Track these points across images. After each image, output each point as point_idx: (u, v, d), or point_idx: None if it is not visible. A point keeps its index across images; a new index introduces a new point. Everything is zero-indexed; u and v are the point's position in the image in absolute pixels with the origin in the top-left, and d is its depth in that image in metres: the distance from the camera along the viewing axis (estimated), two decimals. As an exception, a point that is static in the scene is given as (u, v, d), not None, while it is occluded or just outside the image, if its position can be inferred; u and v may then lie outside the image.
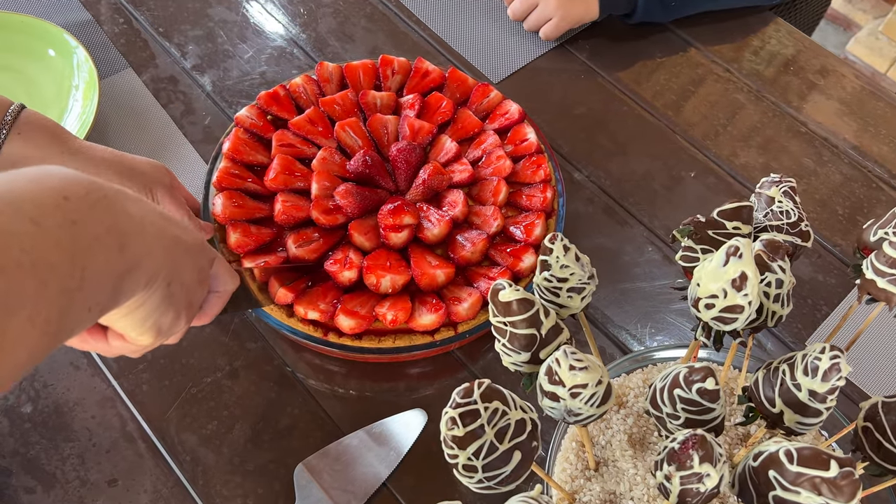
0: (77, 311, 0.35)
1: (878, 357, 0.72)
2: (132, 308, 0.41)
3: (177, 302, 0.43)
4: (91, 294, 0.35)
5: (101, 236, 0.35)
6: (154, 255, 0.40)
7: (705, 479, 0.43)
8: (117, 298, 0.38)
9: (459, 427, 0.44)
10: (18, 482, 0.62)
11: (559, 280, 0.52)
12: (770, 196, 0.58)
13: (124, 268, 0.37)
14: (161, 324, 0.44)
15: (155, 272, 0.40)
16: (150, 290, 0.40)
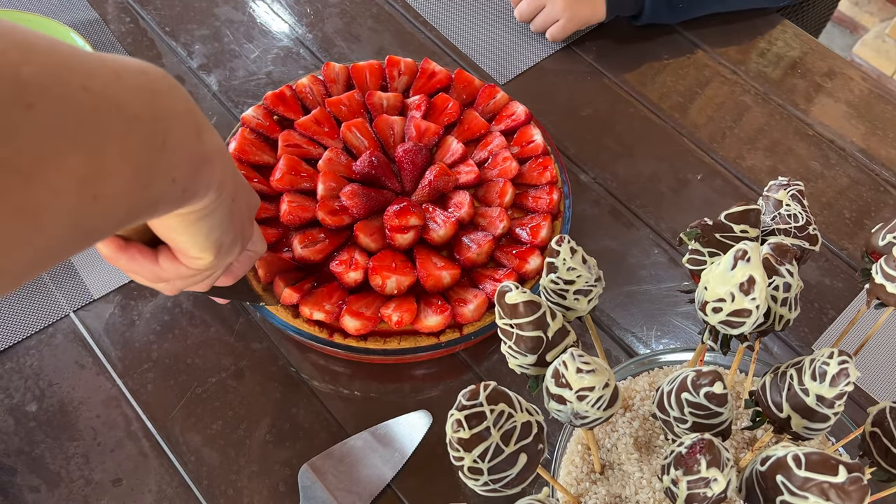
0: (163, 176, 0.34)
1: (886, 362, 0.72)
2: (200, 216, 0.40)
3: (237, 223, 0.43)
4: (174, 164, 0.34)
5: (180, 114, 0.35)
6: (224, 160, 0.40)
7: (713, 483, 0.42)
8: (196, 188, 0.37)
9: (465, 429, 0.44)
10: (23, 481, 0.62)
11: (566, 282, 0.51)
12: (778, 199, 0.57)
13: (201, 154, 0.37)
14: (223, 241, 0.43)
15: (225, 179, 0.39)
16: (219, 198, 0.40)
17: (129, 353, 0.69)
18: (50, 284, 0.72)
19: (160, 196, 0.34)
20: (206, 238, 0.42)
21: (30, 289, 0.71)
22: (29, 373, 0.67)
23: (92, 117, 0.29)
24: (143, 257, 0.43)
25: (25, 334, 0.69)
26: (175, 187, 0.35)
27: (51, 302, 0.71)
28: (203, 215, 0.40)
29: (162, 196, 0.35)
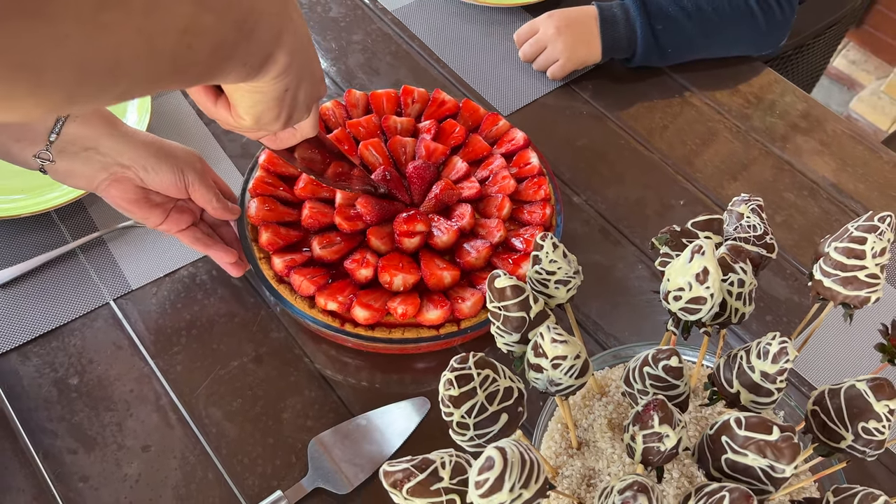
0: (239, 57, 0.43)
1: (829, 354, 0.79)
2: (253, 91, 0.49)
3: (284, 107, 0.53)
4: (250, 53, 0.44)
5: (272, 15, 0.44)
6: (290, 62, 0.48)
7: (665, 439, 0.49)
8: (258, 74, 0.47)
9: (455, 388, 0.51)
10: (63, 444, 0.70)
11: (548, 273, 0.59)
12: (740, 212, 0.65)
13: (273, 53, 0.46)
14: (263, 115, 0.53)
15: (284, 74, 0.49)
16: (272, 87, 0.49)
17: (161, 337, 0.77)
18: (94, 276, 0.80)
19: (231, 70, 0.44)
20: (251, 107, 0.52)
21: (76, 280, 0.80)
22: (72, 351, 0.75)
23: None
24: (206, 97, 0.54)
25: (70, 318, 0.77)
26: (244, 69, 0.45)
27: (94, 291, 0.79)
28: (255, 91, 0.50)
29: (233, 71, 0.44)
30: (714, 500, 0.47)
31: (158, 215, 0.70)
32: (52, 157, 0.64)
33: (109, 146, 0.65)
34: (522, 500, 0.45)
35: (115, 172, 0.67)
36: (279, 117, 0.54)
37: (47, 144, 0.63)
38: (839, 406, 0.54)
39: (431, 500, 0.47)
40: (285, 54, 0.48)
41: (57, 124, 0.63)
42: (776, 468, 0.49)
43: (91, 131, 0.65)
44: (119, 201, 0.68)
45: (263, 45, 0.45)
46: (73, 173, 0.66)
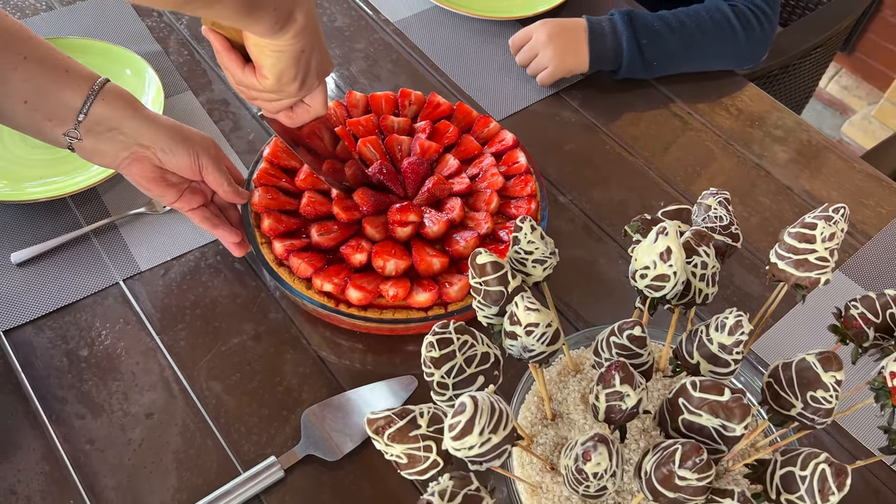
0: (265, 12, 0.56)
1: (786, 334, 0.84)
2: (275, 49, 0.62)
3: (300, 68, 0.65)
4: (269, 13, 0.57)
5: None
6: (305, 30, 0.61)
7: (626, 398, 0.54)
8: (278, 33, 0.59)
9: (436, 349, 0.55)
10: (72, 409, 0.74)
11: (526, 252, 0.64)
12: (708, 204, 0.70)
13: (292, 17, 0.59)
14: (284, 73, 0.65)
15: (304, 28, 0.60)
16: (290, 46, 0.61)
17: (167, 315, 0.82)
18: (106, 259, 0.85)
19: (264, 14, 0.56)
20: (274, 65, 0.64)
21: (89, 261, 0.85)
22: (83, 325, 0.80)
23: None
24: (236, 61, 0.67)
25: (82, 295, 0.82)
26: (274, 15, 0.57)
27: (105, 272, 0.84)
28: (277, 50, 0.62)
29: (265, 15, 0.57)
30: (668, 452, 0.51)
31: (173, 194, 0.75)
32: (79, 135, 0.70)
33: (132, 128, 0.71)
34: (491, 444, 0.50)
35: (135, 152, 0.72)
36: (296, 77, 0.66)
37: (76, 124, 0.69)
38: (790, 377, 0.58)
39: (410, 446, 0.52)
40: (302, 16, 0.60)
41: (85, 105, 0.69)
42: (728, 427, 0.54)
43: (115, 113, 0.70)
44: (138, 179, 0.73)
45: (284, 7, 0.58)
46: (98, 151, 0.71)
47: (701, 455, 0.50)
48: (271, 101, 0.70)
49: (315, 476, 0.72)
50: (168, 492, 0.70)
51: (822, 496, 0.51)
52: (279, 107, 0.72)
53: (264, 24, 0.58)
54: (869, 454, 0.77)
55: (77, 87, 0.69)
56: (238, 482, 0.70)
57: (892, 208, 0.98)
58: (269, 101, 0.71)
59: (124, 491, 0.70)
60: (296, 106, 0.73)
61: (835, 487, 0.51)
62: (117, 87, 0.72)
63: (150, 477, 0.71)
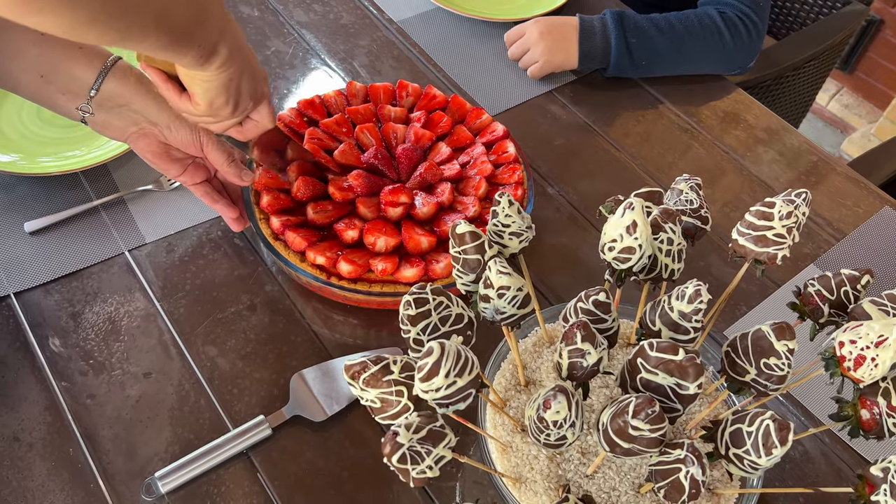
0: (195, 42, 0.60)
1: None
2: (203, 79, 0.66)
3: (230, 95, 0.68)
4: (203, 39, 0.60)
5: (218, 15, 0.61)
6: (232, 57, 0.64)
7: (587, 355, 0.58)
8: (205, 63, 0.63)
9: (413, 308, 0.59)
10: (75, 366, 0.79)
11: (503, 225, 0.68)
12: (680, 189, 0.74)
13: (216, 47, 0.62)
14: (215, 101, 0.68)
15: (229, 58, 0.63)
16: (217, 76, 0.64)
17: (168, 283, 0.86)
18: (113, 231, 0.90)
19: (191, 49, 0.60)
20: (205, 93, 0.67)
21: (97, 232, 0.90)
22: (89, 290, 0.85)
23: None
24: (173, 90, 0.70)
25: (90, 263, 0.87)
26: (199, 51, 0.61)
27: (112, 243, 0.89)
28: (206, 80, 0.66)
29: (191, 50, 0.60)
30: (623, 405, 0.55)
31: (178, 168, 0.80)
32: (91, 109, 0.75)
33: (140, 104, 0.76)
34: (457, 387, 0.54)
35: (143, 127, 0.77)
36: (228, 103, 0.69)
37: (88, 98, 0.74)
38: (746, 346, 0.62)
39: (383, 391, 0.56)
40: (226, 48, 0.63)
41: (97, 81, 0.74)
42: (682, 385, 0.57)
43: (126, 90, 0.75)
44: (145, 153, 0.78)
45: (211, 35, 0.61)
46: (108, 125, 0.76)
47: (653, 407, 0.54)
48: (210, 123, 0.74)
49: (301, 435, 0.76)
50: (162, 444, 0.74)
51: (765, 449, 0.55)
52: (221, 127, 0.76)
53: (190, 57, 0.61)
54: (831, 435, 0.80)
55: (90, 64, 0.74)
56: (228, 437, 0.74)
57: (868, 208, 1.01)
58: (208, 124, 0.75)
59: (120, 442, 0.74)
60: (245, 121, 0.77)
61: (777, 441, 0.54)
62: (128, 65, 0.77)
63: (146, 430, 0.75)
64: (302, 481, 0.73)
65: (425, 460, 0.52)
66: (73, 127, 0.98)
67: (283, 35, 1.17)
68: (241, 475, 0.73)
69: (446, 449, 0.53)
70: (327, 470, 0.74)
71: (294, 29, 1.19)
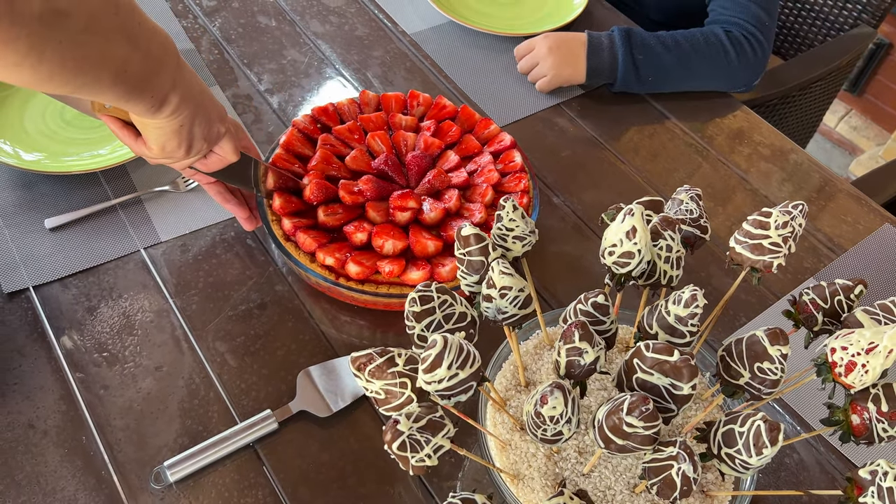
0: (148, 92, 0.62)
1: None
2: (154, 126, 0.68)
3: (182, 140, 0.71)
4: (156, 89, 0.63)
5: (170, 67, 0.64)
6: (186, 97, 0.66)
7: (584, 354, 0.60)
8: (164, 99, 0.64)
9: (418, 305, 0.62)
10: (90, 358, 0.81)
11: (507, 229, 0.70)
12: (680, 199, 0.77)
13: (175, 78, 0.64)
14: (166, 145, 0.70)
15: (179, 106, 0.66)
16: (172, 118, 0.66)
17: (182, 281, 0.89)
18: (130, 229, 0.93)
19: (145, 97, 0.62)
20: (156, 139, 0.70)
21: (114, 230, 0.92)
22: (105, 286, 0.87)
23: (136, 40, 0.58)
24: (130, 135, 0.72)
25: (107, 259, 0.90)
26: (152, 101, 0.63)
27: (128, 241, 0.92)
28: (157, 127, 0.68)
29: (145, 98, 0.63)
30: (618, 402, 0.57)
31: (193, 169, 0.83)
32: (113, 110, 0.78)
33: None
34: (458, 379, 0.56)
35: None
36: (180, 146, 0.72)
37: None
38: (741, 350, 0.63)
39: (387, 382, 0.58)
40: (177, 97, 0.65)
41: None
42: (676, 386, 0.59)
43: None
44: None
45: (164, 85, 0.64)
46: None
47: (647, 404, 0.56)
48: (167, 162, 0.76)
49: (306, 430, 0.78)
50: (171, 435, 0.76)
51: (756, 449, 0.56)
52: (180, 166, 0.77)
53: (142, 106, 0.63)
54: (825, 443, 0.82)
55: None
56: (235, 430, 0.76)
57: (868, 225, 1.03)
58: (167, 163, 0.76)
59: (131, 432, 0.76)
60: (209, 155, 0.78)
61: (768, 442, 0.56)
62: None
63: (156, 422, 0.77)
64: (306, 474, 0.75)
65: (424, 448, 0.54)
66: (94, 129, 1.01)
67: (299, 45, 1.20)
68: (248, 467, 0.75)
69: (445, 439, 0.55)
70: (331, 464, 0.76)
71: (310, 39, 1.22)
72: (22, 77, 0.52)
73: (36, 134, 1.00)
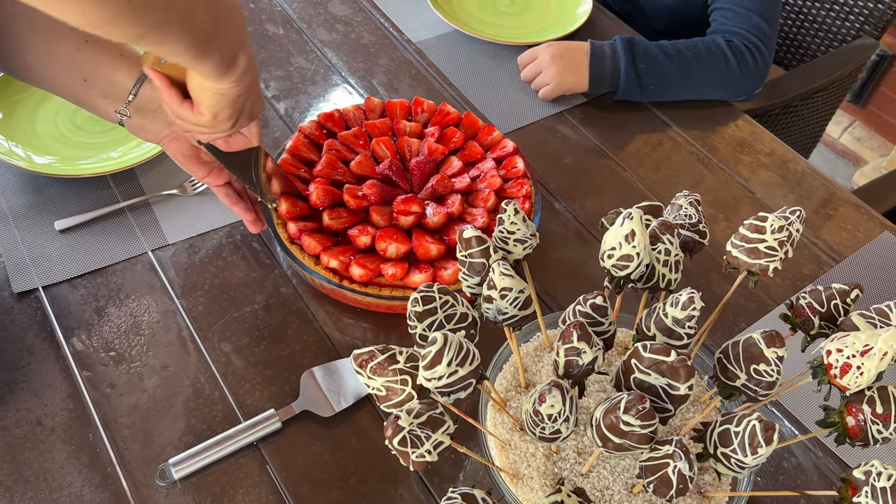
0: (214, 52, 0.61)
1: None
2: (213, 91, 0.67)
3: (234, 110, 0.70)
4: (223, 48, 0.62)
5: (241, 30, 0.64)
6: (250, 65, 0.66)
7: (582, 354, 0.61)
8: (232, 60, 0.64)
9: (420, 305, 0.63)
10: (97, 357, 0.83)
11: (508, 232, 0.71)
12: (679, 204, 0.78)
13: (242, 41, 0.64)
14: (219, 113, 0.69)
15: (244, 73, 0.66)
16: (235, 84, 0.66)
17: (188, 282, 0.90)
18: (138, 232, 0.95)
19: (211, 55, 0.61)
20: (213, 105, 0.68)
21: (122, 232, 0.94)
22: (113, 286, 0.89)
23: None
24: (175, 96, 0.70)
25: (115, 261, 0.91)
26: (220, 58, 0.62)
27: (136, 243, 0.93)
28: (218, 92, 0.67)
29: (212, 56, 0.61)
30: (615, 401, 0.58)
31: (204, 170, 0.84)
32: (128, 113, 0.79)
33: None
34: (458, 376, 0.57)
35: (175, 130, 0.81)
36: (231, 117, 0.71)
37: (126, 103, 0.79)
38: (738, 353, 0.64)
39: (388, 379, 0.59)
40: (244, 61, 0.65)
41: (135, 86, 0.78)
42: (673, 386, 0.60)
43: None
44: (176, 155, 0.83)
45: (232, 44, 0.63)
46: (143, 128, 0.81)
47: (644, 403, 0.57)
48: (204, 133, 0.75)
49: (309, 429, 0.79)
50: (176, 434, 0.78)
51: (751, 448, 0.57)
52: (212, 138, 0.78)
53: (210, 65, 0.62)
54: (823, 447, 0.82)
55: (129, 70, 0.79)
56: (239, 429, 0.77)
57: (867, 233, 1.04)
58: (202, 134, 0.76)
59: (137, 430, 0.77)
60: (235, 134, 0.78)
61: (763, 441, 0.57)
62: None
63: (161, 420, 0.78)
64: (308, 473, 0.76)
65: (424, 444, 0.55)
66: (104, 132, 1.03)
67: (306, 52, 1.22)
68: (251, 465, 0.76)
69: (445, 435, 0.56)
70: (333, 463, 0.77)
71: (317, 47, 1.24)
72: (87, 14, 0.48)
73: (47, 138, 1.01)
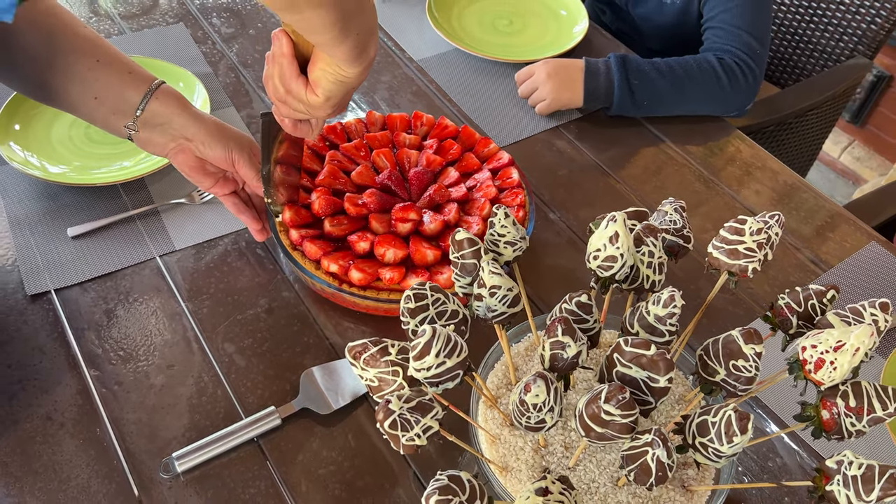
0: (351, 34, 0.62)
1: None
2: (340, 78, 0.67)
3: (346, 99, 0.72)
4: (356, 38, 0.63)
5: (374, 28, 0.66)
6: (371, 64, 0.69)
7: (567, 347, 0.64)
8: (365, 47, 0.65)
9: (412, 302, 0.66)
10: (105, 356, 0.86)
11: (499, 235, 0.75)
12: (665, 210, 0.81)
13: (374, 28, 0.66)
14: (333, 97, 0.70)
15: (369, 65, 0.69)
16: (361, 74, 0.68)
17: (194, 286, 0.94)
18: (146, 238, 0.98)
19: (350, 35, 0.62)
20: (331, 89, 0.69)
21: (132, 239, 0.98)
22: (122, 290, 0.92)
23: None
24: (294, 70, 0.69)
25: (124, 265, 0.95)
26: (356, 39, 0.63)
27: (144, 249, 0.97)
28: (342, 80, 0.68)
29: (350, 36, 0.62)
30: (597, 392, 0.60)
31: (210, 181, 0.88)
32: (136, 127, 0.83)
33: (179, 123, 0.84)
34: (446, 367, 0.60)
35: (181, 143, 0.86)
36: (338, 105, 0.72)
37: (135, 118, 0.83)
38: (717, 349, 0.67)
39: (380, 370, 0.62)
40: (374, 50, 0.66)
41: (143, 102, 0.82)
42: (653, 378, 0.63)
43: (167, 110, 0.84)
44: (182, 166, 0.87)
45: (369, 25, 0.64)
46: (150, 141, 0.85)
47: (624, 393, 0.59)
48: (299, 111, 0.75)
49: (308, 426, 0.82)
50: (180, 429, 0.81)
51: (727, 437, 0.60)
52: (300, 117, 0.78)
53: (347, 46, 0.62)
54: (807, 447, 0.84)
55: (137, 87, 0.84)
56: (240, 425, 0.80)
57: (854, 243, 1.06)
58: (296, 111, 0.76)
59: (143, 426, 0.81)
60: (303, 122, 0.79)
61: (738, 430, 0.59)
62: (170, 88, 0.86)
63: (166, 416, 0.82)
64: (307, 468, 0.79)
65: (414, 428, 0.58)
66: (115, 144, 1.07)
67: (311, 70, 1.27)
68: (251, 460, 0.79)
69: (433, 420, 0.58)
70: (331, 459, 0.79)
71: (321, 65, 1.28)
72: None
73: (61, 148, 1.06)
